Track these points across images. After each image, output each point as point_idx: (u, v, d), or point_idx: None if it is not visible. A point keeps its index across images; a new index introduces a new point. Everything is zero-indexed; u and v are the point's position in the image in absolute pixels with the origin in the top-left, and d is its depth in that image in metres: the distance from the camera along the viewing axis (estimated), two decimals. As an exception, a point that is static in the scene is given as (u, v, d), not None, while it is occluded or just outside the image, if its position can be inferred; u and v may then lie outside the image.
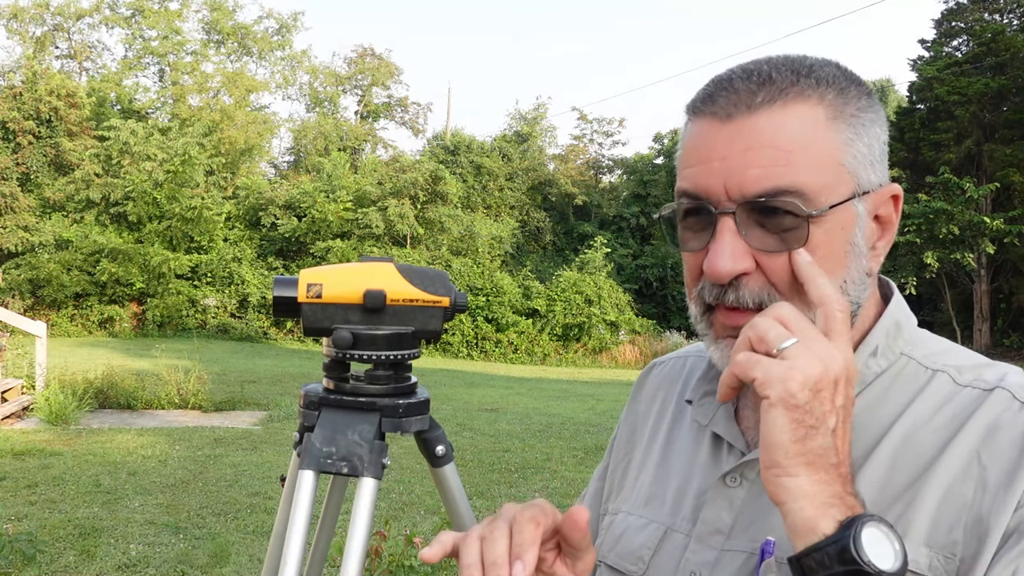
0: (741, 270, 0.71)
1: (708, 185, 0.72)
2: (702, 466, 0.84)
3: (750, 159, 0.70)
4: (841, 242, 0.72)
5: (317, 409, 1.10)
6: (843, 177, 0.72)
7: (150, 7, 27.44)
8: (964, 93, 21.97)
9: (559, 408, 11.02)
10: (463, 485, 1.24)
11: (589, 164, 30.63)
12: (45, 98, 21.56)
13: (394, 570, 3.00)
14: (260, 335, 20.79)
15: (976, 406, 0.72)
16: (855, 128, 0.73)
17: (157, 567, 4.42)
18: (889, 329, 0.78)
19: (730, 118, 0.72)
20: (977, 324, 22.46)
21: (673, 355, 1.01)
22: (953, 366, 0.76)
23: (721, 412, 0.84)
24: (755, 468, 0.77)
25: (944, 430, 0.72)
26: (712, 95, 0.74)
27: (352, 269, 1.10)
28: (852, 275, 0.73)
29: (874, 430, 0.74)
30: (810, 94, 0.72)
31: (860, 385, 0.75)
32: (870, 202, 0.74)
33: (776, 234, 0.70)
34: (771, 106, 0.71)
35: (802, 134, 0.70)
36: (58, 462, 6.60)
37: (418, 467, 6.55)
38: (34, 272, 19.70)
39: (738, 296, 0.72)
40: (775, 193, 0.69)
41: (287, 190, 23.00)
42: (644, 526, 0.86)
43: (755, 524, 0.76)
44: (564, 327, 21.13)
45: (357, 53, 32.32)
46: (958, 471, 0.69)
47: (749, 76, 0.73)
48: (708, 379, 0.87)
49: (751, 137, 0.70)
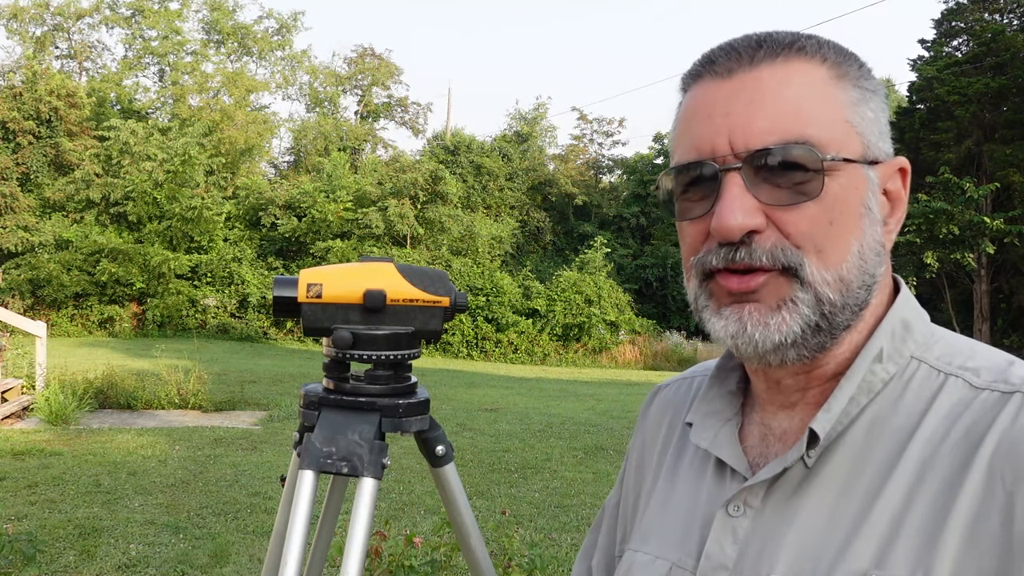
0: (752, 226, 0.66)
1: (713, 142, 0.68)
2: (706, 494, 0.77)
3: (755, 112, 0.67)
4: (855, 202, 0.68)
5: (317, 409, 1.10)
6: (851, 135, 0.68)
7: (150, 7, 27.43)
8: (964, 93, 21.96)
9: (559, 408, 11.01)
10: (463, 485, 1.24)
11: (589, 164, 30.62)
12: (45, 98, 21.55)
13: (394, 570, 3.00)
14: (260, 335, 20.78)
15: (995, 413, 0.64)
16: (860, 91, 0.70)
17: (157, 567, 4.41)
18: (895, 330, 0.72)
19: (731, 73, 0.69)
20: (977, 324, 22.45)
21: (679, 377, 0.95)
22: (971, 368, 0.69)
23: (724, 433, 0.78)
24: (758, 495, 0.72)
25: (961, 447, 0.64)
26: (711, 58, 0.71)
27: (352, 269, 1.09)
28: (868, 241, 0.68)
29: (888, 448, 0.68)
30: (812, 53, 0.69)
31: (868, 394, 0.70)
32: (880, 172, 0.70)
33: (788, 187, 0.66)
34: (773, 61, 0.68)
35: (807, 88, 0.67)
36: (58, 462, 6.60)
37: (418, 467, 6.54)
38: (34, 272, 19.69)
39: (751, 252, 0.67)
40: (783, 143, 0.66)
41: (287, 190, 23.00)
42: (650, 563, 0.79)
43: (762, 558, 0.69)
44: (564, 327, 21.13)
45: (357, 53, 32.33)
46: (981, 500, 0.62)
47: (749, 38, 0.70)
48: (709, 398, 0.81)
49: (755, 90, 0.67)
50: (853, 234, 0.68)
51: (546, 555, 3.56)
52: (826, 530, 0.67)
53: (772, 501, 0.71)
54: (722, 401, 0.81)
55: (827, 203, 0.66)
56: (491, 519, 5.17)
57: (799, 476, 0.70)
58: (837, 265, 0.67)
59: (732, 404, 0.80)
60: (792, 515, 0.69)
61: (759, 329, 0.67)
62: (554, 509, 5.80)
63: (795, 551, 0.68)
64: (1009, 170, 21.20)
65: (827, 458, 0.70)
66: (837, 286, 0.67)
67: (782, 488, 0.71)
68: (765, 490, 0.72)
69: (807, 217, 0.66)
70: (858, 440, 0.69)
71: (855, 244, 0.68)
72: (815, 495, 0.69)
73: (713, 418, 0.80)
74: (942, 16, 24.75)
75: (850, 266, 0.67)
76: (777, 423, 0.76)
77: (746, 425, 0.79)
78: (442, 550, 3.23)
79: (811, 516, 0.68)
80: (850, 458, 0.69)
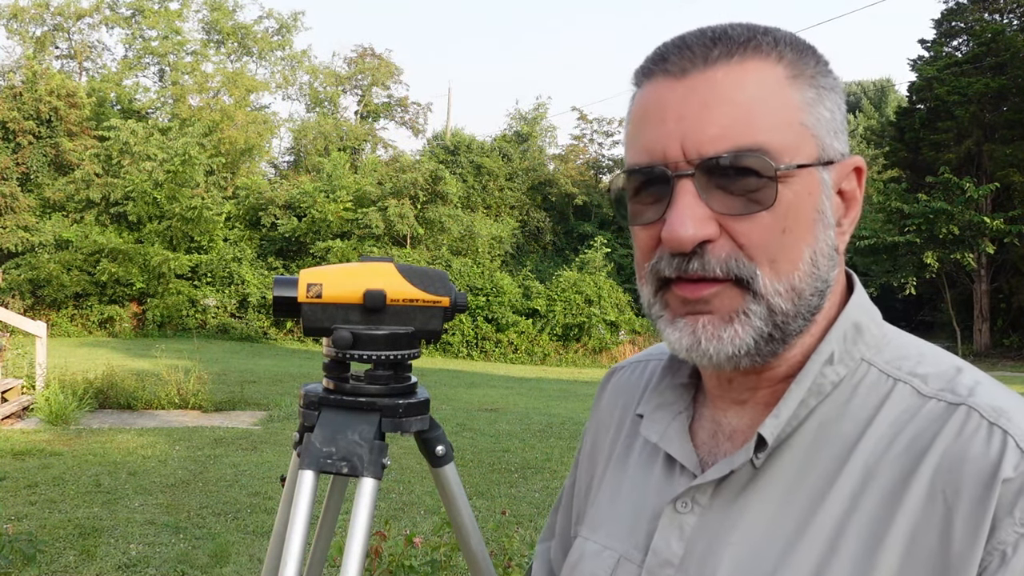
0: (704, 236, 0.65)
1: (665, 147, 0.66)
2: (655, 488, 0.76)
3: (708, 117, 0.64)
4: (809, 208, 0.66)
5: (317, 409, 1.10)
6: (806, 139, 0.66)
7: (150, 7, 27.41)
8: (964, 93, 21.96)
9: (559, 408, 11.01)
10: (463, 485, 1.24)
11: (589, 164, 30.60)
12: (45, 98, 21.54)
13: (394, 570, 3.00)
14: (260, 335, 20.78)
15: (940, 426, 0.64)
16: (816, 90, 0.68)
17: (157, 567, 4.41)
18: (847, 332, 0.71)
19: (684, 73, 0.66)
20: (977, 324, 22.46)
21: (634, 359, 0.92)
22: (919, 375, 0.68)
23: (674, 427, 0.77)
24: (707, 492, 0.71)
25: (904, 459, 0.64)
26: (663, 54, 0.68)
27: (352, 269, 1.09)
28: (821, 247, 0.67)
29: (833, 454, 0.67)
30: (768, 51, 0.67)
31: (817, 396, 0.69)
32: (834, 173, 0.69)
33: (741, 196, 0.64)
34: (728, 61, 0.66)
35: (762, 91, 0.65)
36: (58, 462, 6.60)
37: (418, 467, 6.54)
38: (34, 272, 19.69)
39: (703, 263, 0.65)
40: (736, 151, 0.63)
41: (287, 190, 22.98)
42: (598, 553, 0.79)
43: (707, 558, 0.69)
44: (564, 327, 21.13)
45: (357, 53, 32.31)
46: (921, 513, 0.62)
47: (703, 33, 0.68)
48: (660, 389, 0.80)
49: (708, 93, 0.65)
50: (806, 241, 0.66)
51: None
52: (768, 535, 0.67)
53: (719, 500, 0.71)
54: (673, 393, 0.80)
55: (780, 212, 0.65)
56: (491, 519, 5.17)
57: (747, 476, 0.70)
58: (789, 274, 0.66)
59: (683, 397, 0.79)
60: (737, 516, 0.69)
61: (713, 343, 0.67)
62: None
63: (738, 554, 0.68)
64: (1009, 170, 21.20)
65: (775, 460, 0.69)
66: (789, 295, 0.66)
67: (729, 487, 0.71)
68: (713, 488, 0.71)
69: (760, 227, 0.65)
70: (805, 443, 0.69)
71: (807, 251, 0.66)
72: (761, 497, 0.69)
73: (664, 411, 0.79)
74: (942, 16, 24.75)
75: (802, 274, 0.66)
76: (727, 420, 0.75)
77: (697, 420, 0.78)
78: (442, 550, 3.23)
79: (755, 519, 0.68)
80: (796, 461, 0.69)
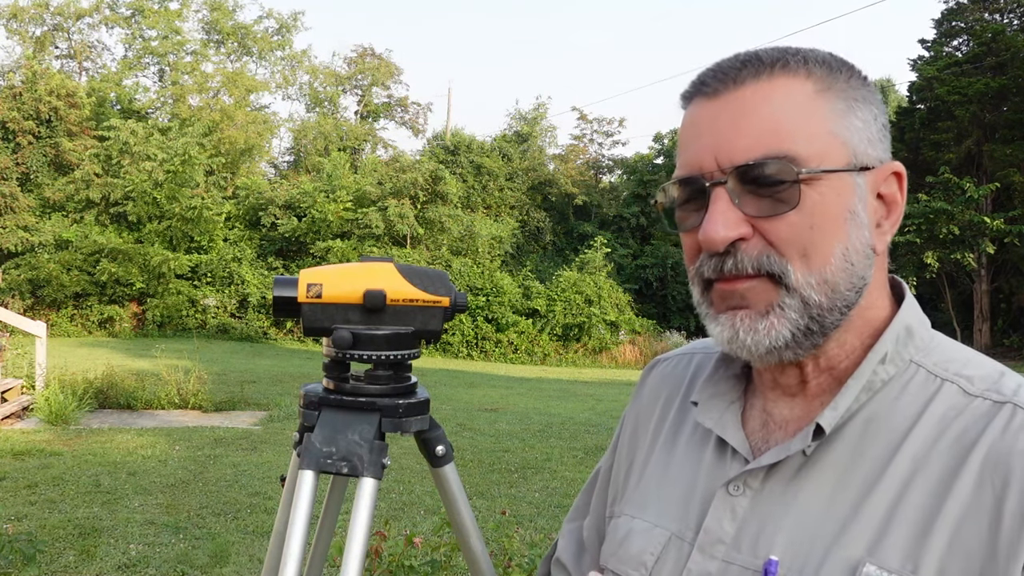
0: (735, 236, 0.71)
1: (700, 160, 0.73)
2: (706, 471, 0.81)
3: (739, 129, 0.71)
4: (839, 208, 0.71)
5: (317, 409, 1.10)
6: (835, 146, 0.71)
7: (150, 7, 27.41)
8: (964, 93, 21.96)
9: (559, 408, 11.01)
10: (463, 485, 1.24)
11: (589, 164, 30.61)
12: (45, 98, 21.54)
13: (394, 570, 3.00)
14: (260, 335, 20.78)
15: (987, 422, 0.69)
16: (847, 102, 0.73)
17: (157, 567, 4.41)
18: (899, 334, 0.75)
19: (717, 94, 0.73)
20: (977, 324, 22.46)
21: (678, 351, 0.98)
22: (965, 376, 0.73)
23: (728, 415, 0.82)
24: (759, 477, 0.76)
25: (953, 451, 0.69)
26: (702, 79, 0.76)
27: (352, 269, 1.09)
28: (854, 244, 0.72)
29: (884, 445, 0.72)
30: (797, 69, 0.72)
31: (867, 392, 0.73)
32: (871, 178, 0.74)
33: (769, 198, 0.70)
34: (757, 79, 0.72)
35: (790, 104, 0.71)
36: (58, 462, 6.60)
37: (418, 467, 6.54)
38: (34, 272, 19.69)
39: (737, 262, 0.72)
40: (763, 157, 0.70)
41: (287, 190, 22.98)
42: (648, 531, 0.83)
43: (760, 537, 0.73)
44: (564, 327, 21.13)
45: (357, 53, 32.33)
46: (969, 502, 0.66)
47: (736, 57, 0.75)
48: (715, 380, 0.85)
49: (738, 108, 0.72)
50: (836, 238, 0.71)
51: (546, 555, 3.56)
52: (822, 516, 0.71)
53: (771, 484, 0.75)
54: (727, 384, 0.85)
55: (807, 211, 0.70)
56: (491, 519, 5.17)
57: (798, 463, 0.75)
58: (821, 267, 0.71)
59: (736, 388, 0.84)
60: (790, 499, 0.74)
61: (750, 335, 0.73)
62: (554, 509, 5.80)
63: (792, 534, 0.72)
64: (1009, 170, 21.21)
65: (825, 449, 0.74)
66: (822, 288, 0.71)
67: (781, 473, 0.75)
68: (765, 473, 0.76)
69: (788, 224, 0.70)
70: (855, 435, 0.73)
71: (839, 247, 0.71)
72: (813, 482, 0.73)
73: (718, 399, 0.84)
74: (942, 16, 24.76)
75: (835, 268, 0.71)
76: (778, 411, 0.80)
77: (748, 409, 0.83)
78: (442, 550, 3.23)
79: (808, 502, 0.73)
80: (847, 451, 0.73)
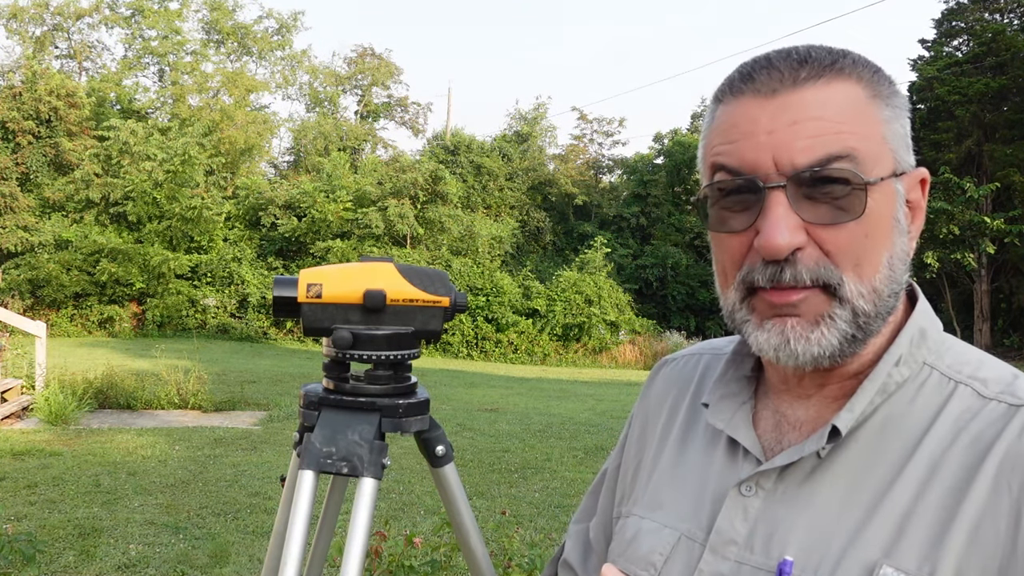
0: (798, 244, 0.69)
1: (755, 159, 0.70)
2: (717, 472, 0.81)
3: (798, 131, 0.69)
4: (888, 216, 0.71)
5: (317, 409, 1.10)
6: (886, 152, 0.71)
7: (150, 7, 27.40)
8: (964, 93, 21.97)
9: (559, 408, 11.01)
10: (463, 485, 1.24)
11: (589, 164, 30.60)
12: (45, 98, 21.53)
13: (394, 570, 3.00)
14: (260, 335, 20.77)
15: (1003, 424, 0.69)
16: (891, 109, 0.73)
17: (157, 567, 4.41)
18: (913, 337, 0.75)
19: (775, 93, 0.71)
20: (977, 324, 22.46)
21: (686, 352, 0.97)
22: (979, 379, 0.73)
23: (739, 416, 0.81)
24: (771, 478, 0.75)
25: (969, 453, 0.68)
26: (750, 74, 0.73)
27: (352, 269, 1.09)
28: (897, 251, 0.72)
29: (899, 447, 0.72)
30: (849, 72, 0.72)
31: (882, 395, 0.73)
32: (904, 184, 0.74)
33: (829, 204, 0.69)
34: (816, 82, 0.70)
35: (848, 108, 0.70)
36: (58, 462, 6.60)
37: (418, 467, 6.54)
38: (34, 272, 19.68)
39: (795, 272, 0.69)
40: (827, 160, 0.68)
41: (287, 190, 22.97)
42: (657, 531, 0.83)
43: (773, 538, 0.73)
44: (564, 327, 21.12)
45: (357, 53, 32.34)
46: (986, 504, 0.66)
47: (788, 56, 0.72)
48: (726, 381, 0.84)
49: (798, 111, 0.70)
50: (885, 247, 0.71)
51: (546, 555, 3.56)
52: (837, 518, 0.71)
53: (784, 486, 0.75)
54: (738, 384, 0.84)
55: (864, 219, 0.69)
56: (491, 519, 5.17)
57: (811, 465, 0.74)
58: (871, 277, 0.70)
59: (747, 389, 0.84)
60: (804, 501, 0.73)
61: (801, 343, 0.71)
62: (554, 509, 5.80)
63: (807, 535, 0.71)
64: (1009, 170, 21.21)
65: (839, 451, 0.73)
66: (871, 297, 0.71)
67: (794, 474, 0.75)
68: (777, 474, 0.75)
69: (847, 234, 0.69)
70: (871, 436, 0.73)
71: (885, 256, 0.71)
72: (827, 484, 0.73)
73: (729, 400, 0.83)
74: (942, 16, 24.76)
75: (882, 277, 0.71)
76: (792, 412, 0.79)
77: (759, 410, 0.82)
78: (442, 550, 3.23)
79: (823, 503, 0.72)
80: (862, 453, 0.73)
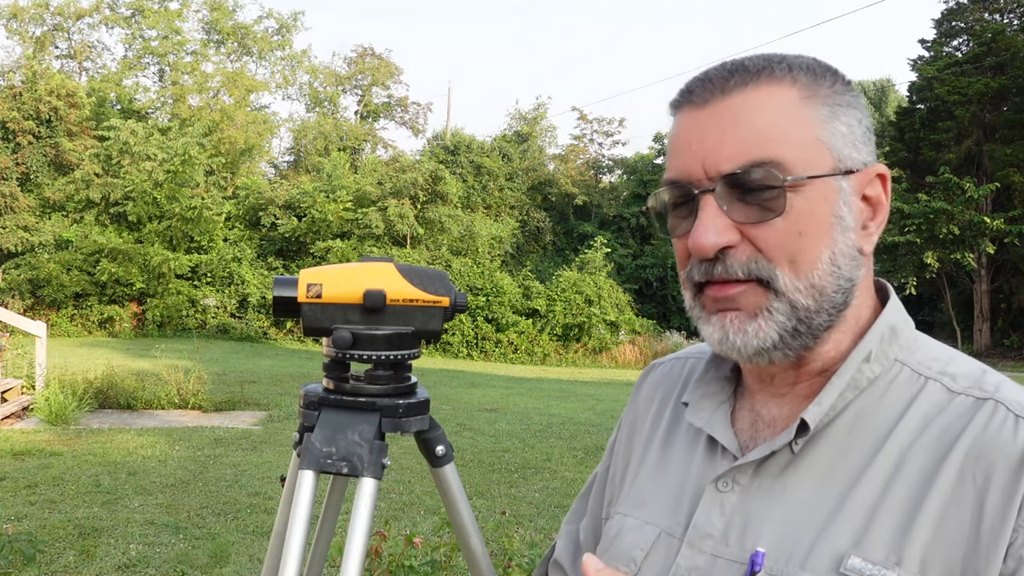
0: (724, 243, 0.73)
1: (689, 168, 0.75)
2: (697, 469, 0.84)
3: (726, 138, 0.72)
4: (824, 213, 0.73)
5: (317, 409, 1.10)
6: (821, 152, 0.73)
7: (150, 7, 27.41)
8: (964, 93, 21.97)
9: (559, 408, 11.01)
10: (463, 485, 1.24)
11: (589, 164, 30.59)
12: (45, 98, 21.54)
13: (394, 570, 3.00)
14: (260, 335, 20.78)
15: (970, 417, 0.71)
16: (831, 108, 0.74)
17: (157, 567, 4.41)
18: (884, 334, 0.77)
19: (705, 103, 0.74)
20: (977, 324, 22.46)
21: (672, 356, 1.01)
22: (949, 374, 0.75)
23: (718, 414, 0.84)
24: (747, 473, 0.78)
25: (935, 446, 0.71)
26: (690, 88, 0.77)
27: (352, 269, 1.09)
28: (840, 248, 0.73)
29: (869, 441, 0.74)
30: (782, 76, 0.74)
31: (854, 391, 0.75)
32: (855, 181, 0.75)
33: (756, 205, 0.72)
34: (744, 88, 0.73)
35: (775, 112, 0.72)
36: (58, 462, 6.60)
37: (418, 467, 6.54)
38: (34, 272, 19.69)
39: (726, 267, 0.73)
40: (750, 165, 0.71)
41: (287, 190, 22.99)
42: (639, 527, 0.85)
43: (747, 531, 0.76)
44: (564, 327, 21.12)
45: (357, 53, 32.33)
46: (951, 495, 0.69)
47: (723, 66, 0.76)
48: (706, 380, 0.87)
49: (725, 117, 0.73)
50: (823, 243, 0.73)
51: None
52: (809, 510, 0.73)
53: (759, 480, 0.77)
54: (717, 384, 0.87)
55: (793, 217, 0.72)
56: (491, 519, 5.17)
57: (785, 460, 0.76)
58: (808, 272, 0.73)
59: (725, 388, 0.86)
60: (778, 495, 0.76)
61: (739, 336, 0.74)
62: (554, 509, 5.80)
63: (779, 527, 0.74)
64: (1009, 170, 21.21)
65: (812, 446, 0.76)
66: (810, 292, 0.73)
67: (769, 469, 0.77)
68: (753, 470, 0.78)
69: (776, 231, 0.72)
70: (842, 432, 0.75)
71: (826, 252, 0.73)
72: (799, 478, 0.75)
73: (708, 400, 0.86)
74: (942, 16, 24.76)
75: (822, 272, 0.73)
76: (767, 411, 0.82)
77: (737, 409, 0.85)
78: (442, 550, 3.23)
79: (796, 497, 0.75)
80: (834, 448, 0.75)
